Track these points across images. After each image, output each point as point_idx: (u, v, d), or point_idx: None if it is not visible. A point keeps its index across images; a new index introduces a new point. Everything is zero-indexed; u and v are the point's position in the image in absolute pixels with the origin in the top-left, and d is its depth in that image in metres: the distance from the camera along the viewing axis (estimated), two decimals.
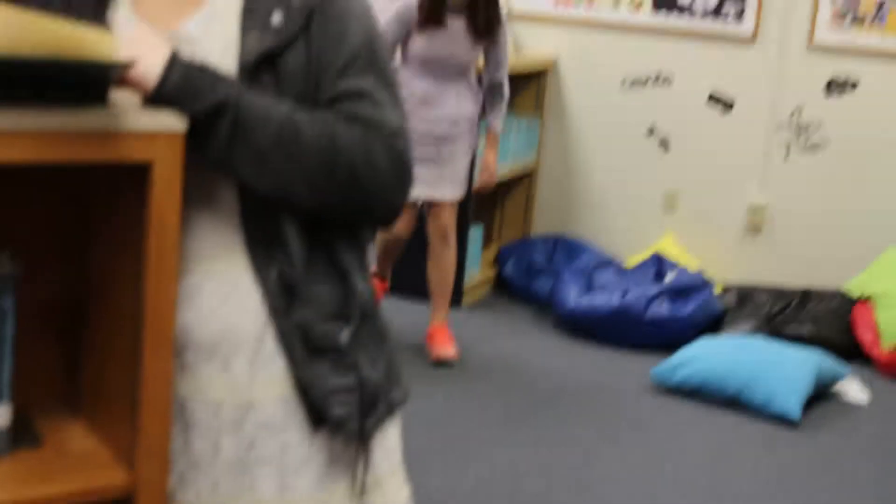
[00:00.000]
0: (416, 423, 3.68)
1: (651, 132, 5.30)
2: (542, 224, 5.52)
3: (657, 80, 5.24)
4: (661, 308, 4.69)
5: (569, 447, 3.68)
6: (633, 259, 5.27)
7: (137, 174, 1.22)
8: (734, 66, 5.11)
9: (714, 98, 5.18)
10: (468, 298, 4.93)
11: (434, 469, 3.39)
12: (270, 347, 1.36)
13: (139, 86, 1.22)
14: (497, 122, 4.08)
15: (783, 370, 4.08)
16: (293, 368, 1.35)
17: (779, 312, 4.81)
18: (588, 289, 4.81)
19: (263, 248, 1.33)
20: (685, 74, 5.19)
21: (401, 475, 1.48)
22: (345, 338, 1.36)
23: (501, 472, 3.41)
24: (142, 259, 1.23)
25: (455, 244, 4.10)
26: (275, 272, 1.33)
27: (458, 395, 4.03)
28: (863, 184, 5.02)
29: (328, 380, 1.35)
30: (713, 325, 4.86)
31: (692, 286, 4.76)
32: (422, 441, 3.58)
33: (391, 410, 1.44)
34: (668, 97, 5.24)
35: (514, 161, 5.19)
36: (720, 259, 5.32)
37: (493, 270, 5.22)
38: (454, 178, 4.00)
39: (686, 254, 5.34)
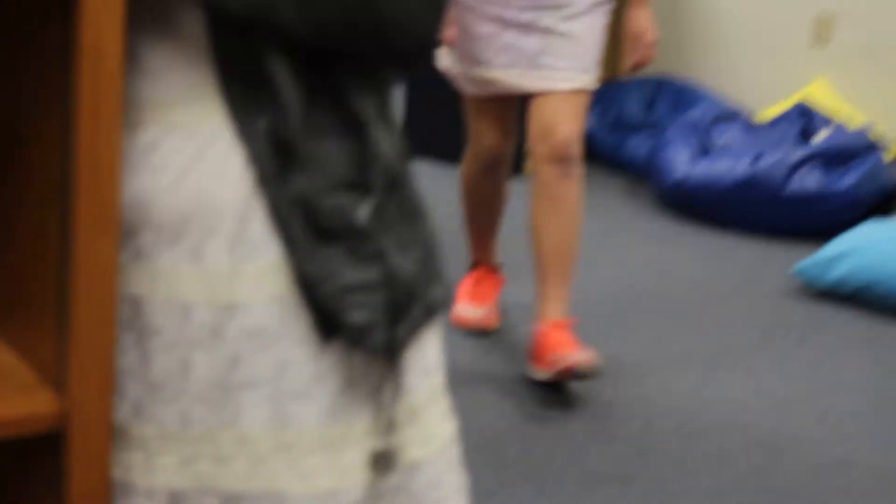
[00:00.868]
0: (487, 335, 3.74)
1: None
2: None
3: None
4: (809, 179, 4.65)
5: (679, 369, 3.74)
6: (769, 111, 5.23)
7: None
8: None
9: None
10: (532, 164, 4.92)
11: (488, 399, 3.47)
12: (259, 229, 1.36)
13: None
14: None
15: None
16: (292, 257, 1.36)
17: None
18: (704, 152, 4.79)
19: (245, 93, 1.34)
20: None
21: (443, 404, 1.50)
22: (364, 214, 1.37)
23: (606, 395, 3.48)
24: (70, 104, 1.24)
25: (580, 173, 3.61)
26: (262, 124, 1.34)
27: (525, 300, 4.09)
28: None
29: (342, 273, 1.36)
30: (882, 204, 4.83)
31: (852, 149, 4.72)
32: (499, 364, 3.64)
33: (430, 315, 1.44)
34: None
35: None
36: (893, 112, 5.25)
37: None
38: (576, 52, 3.54)
39: (844, 104, 5.27)
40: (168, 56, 1.35)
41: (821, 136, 4.84)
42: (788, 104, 5.14)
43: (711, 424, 3.46)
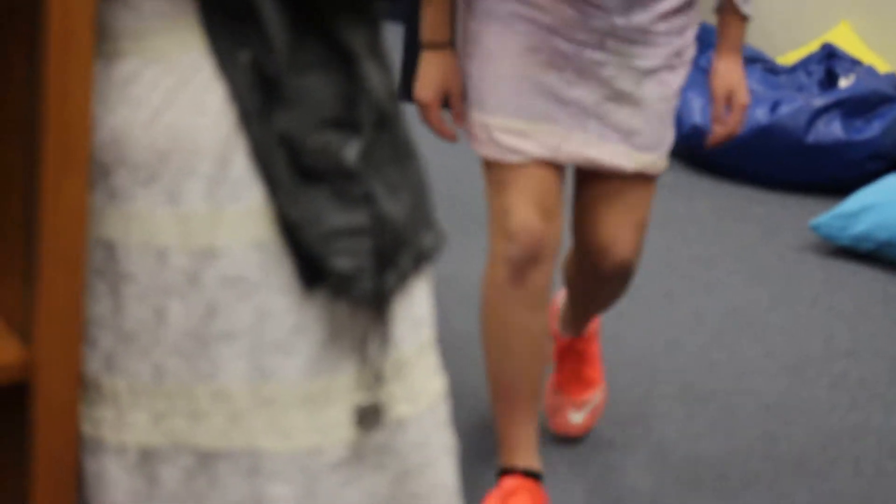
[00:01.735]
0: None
1: None
2: None
3: None
4: (831, 128, 4.64)
5: (687, 329, 3.74)
6: (790, 55, 5.21)
7: None
8: None
9: None
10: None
11: (482, 362, 3.46)
12: (240, 168, 1.36)
13: None
14: None
15: None
16: (275, 200, 1.36)
17: None
18: None
19: (228, 23, 1.33)
20: None
21: (432, 359, 1.50)
22: (352, 154, 1.37)
23: (609, 357, 3.48)
24: (38, 31, 1.23)
25: (629, 280, 2.90)
26: (245, 57, 1.33)
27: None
28: None
29: (328, 217, 1.36)
30: None
31: (878, 97, 4.70)
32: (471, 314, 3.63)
33: (419, 263, 1.45)
34: None
35: None
36: None
37: None
38: (642, 130, 2.71)
39: (871, 48, 5.25)
40: None
41: (845, 83, 4.82)
42: (812, 48, 5.12)
43: (719, 388, 3.47)
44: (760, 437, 3.27)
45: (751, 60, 5.00)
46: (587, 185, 2.77)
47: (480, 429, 3.16)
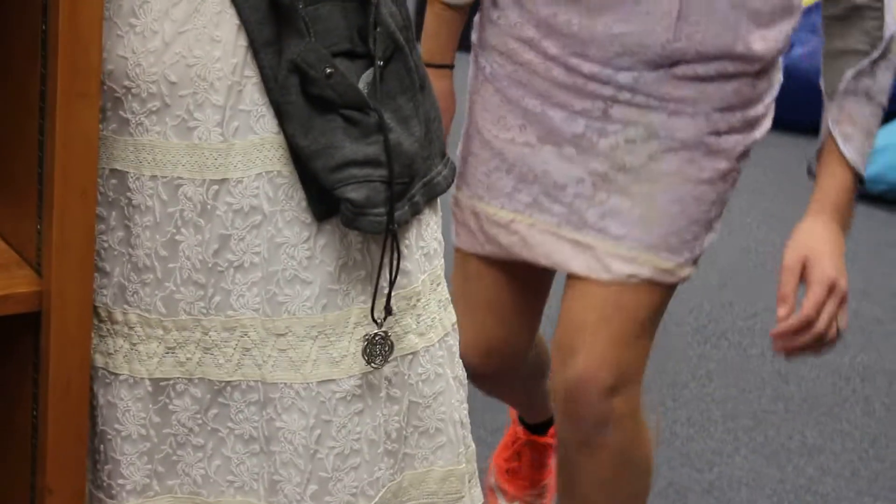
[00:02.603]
0: None
1: None
2: None
3: None
4: None
5: (699, 270, 3.74)
6: None
7: None
8: None
9: None
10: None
11: None
12: (252, 97, 1.35)
13: None
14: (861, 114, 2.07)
15: None
16: (287, 130, 1.35)
17: None
18: None
19: None
20: None
21: (443, 291, 1.50)
22: (364, 81, 1.36)
23: None
24: None
25: (624, 440, 2.12)
26: None
27: None
28: None
29: (340, 147, 1.35)
30: None
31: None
32: None
33: (432, 195, 1.45)
34: None
35: None
36: None
37: None
38: (649, 215, 2.06)
39: None
40: None
41: None
42: None
43: (731, 328, 3.47)
44: (772, 377, 3.27)
45: None
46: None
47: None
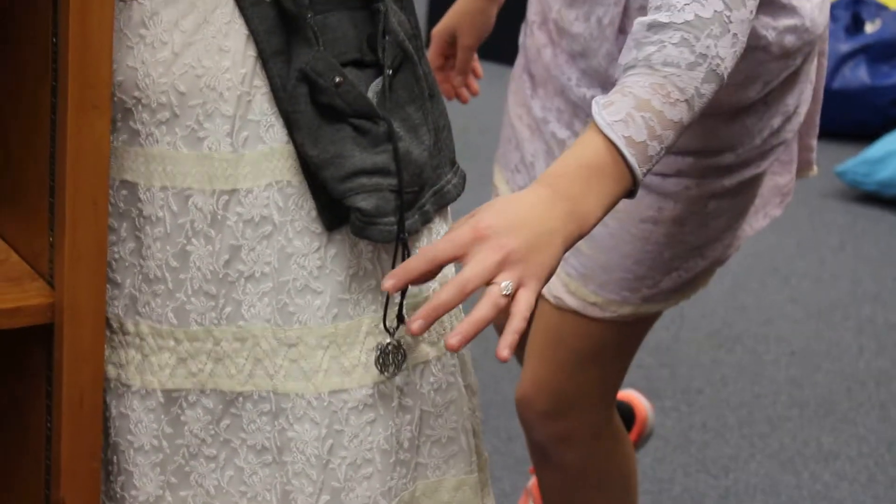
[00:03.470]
0: None
1: None
2: None
3: None
4: (857, 73, 4.61)
5: (719, 273, 3.73)
6: None
7: None
8: None
9: None
10: None
11: None
12: (261, 107, 1.35)
13: None
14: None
15: None
16: (297, 140, 1.35)
17: None
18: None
19: None
20: None
21: None
22: (373, 90, 1.35)
23: None
24: None
25: (603, 444, 2.15)
26: None
27: None
28: None
29: (350, 156, 1.35)
30: None
31: None
32: None
33: (442, 204, 1.44)
34: None
35: None
36: None
37: None
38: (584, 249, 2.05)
39: None
40: None
41: (872, 28, 4.78)
42: None
43: (744, 334, 3.46)
44: (786, 383, 3.26)
45: None
46: None
47: (503, 373, 3.16)
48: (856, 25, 4.84)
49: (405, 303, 1.41)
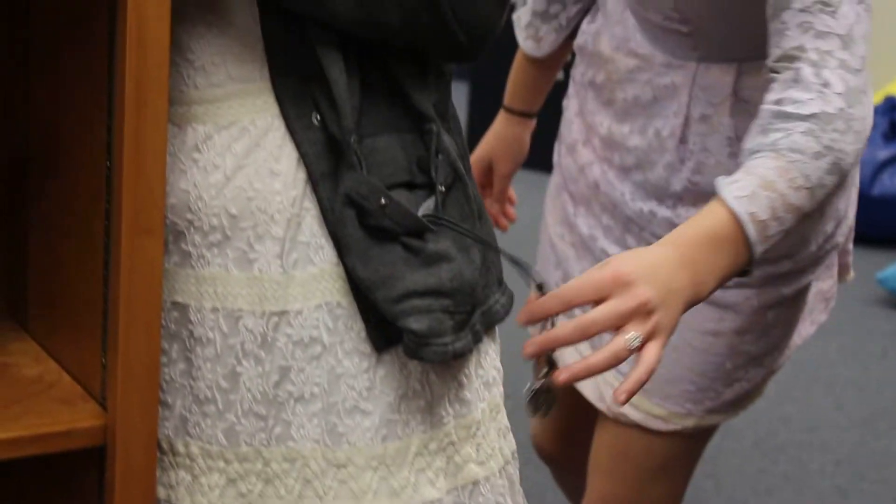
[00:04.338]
0: None
1: None
2: None
3: None
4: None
5: None
6: None
7: None
8: None
9: None
10: None
11: None
12: (311, 228, 1.36)
13: None
14: None
15: None
16: (347, 262, 1.35)
17: None
18: None
19: (298, 87, 1.34)
20: None
21: (502, 419, 1.49)
22: (426, 209, 1.36)
23: None
24: (112, 94, 1.23)
25: None
26: (316, 120, 1.34)
27: None
28: None
29: (402, 277, 1.34)
30: None
31: None
32: None
33: (490, 323, 1.44)
34: None
35: None
36: None
37: None
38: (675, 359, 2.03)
39: None
40: (218, 49, 1.34)
41: None
42: (876, 98, 5.08)
43: (789, 442, 3.43)
44: (832, 492, 3.22)
45: None
46: None
47: (543, 481, 3.13)
48: (893, 132, 4.85)
49: (453, 422, 1.41)
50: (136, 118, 1.23)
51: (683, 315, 1.42)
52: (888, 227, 4.63)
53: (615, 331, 1.34)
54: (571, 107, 2.16)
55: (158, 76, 1.23)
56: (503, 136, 2.28)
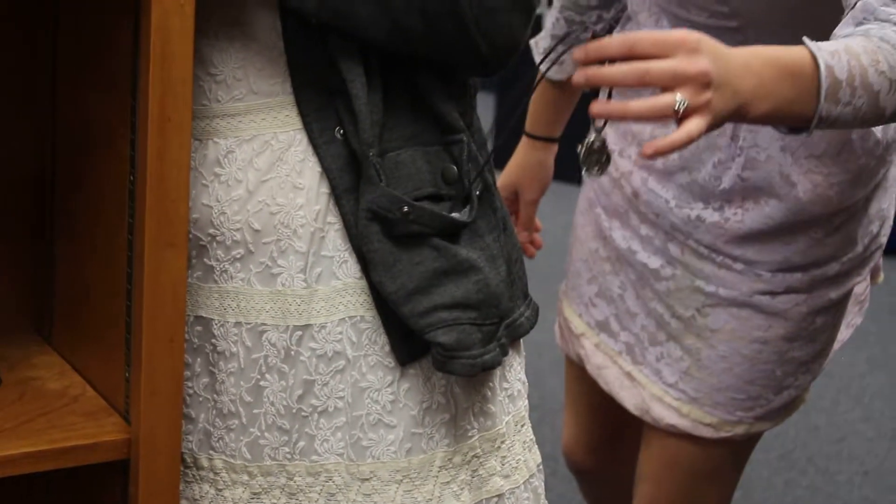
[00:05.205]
0: None
1: None
2: None
3: None
4: None
5: None
6: None
7: None
8: None
9: None
10: None
11: None
12: (334, 243, 1.36)
13: None
14: None
15: None
16: (372, 277, 1.34)
17: None
18: None
19: (321, 101, 1.34)
20: None
21: (527, 432, 1.48)
22: (463, 217, 1.35)
23: None
24: (136, 109, 1.24)
25: None
26: (339, 134, 1.34)
27: None
28: None
29: (427, 291, 1.34)
30: None
31: None
32: None
33: (515, 336, 1.43)
34: None
35: None
36: None
37: None
38: (714, 368, 2.04)
39: None
40: (240, 63, 1.34)
41: None
42: None
43: (817, 454, 3.41)
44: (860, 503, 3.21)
45: None
46: None
47: (570, 497, 3.13)
48: None
49: (477, 436, 1.40)
50: (160, 133, 1.23)
51: (731, 324, 1.40)
52: None
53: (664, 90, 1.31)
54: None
55: (182, 91, 1.23)
56: (527, 163, 2.28)
